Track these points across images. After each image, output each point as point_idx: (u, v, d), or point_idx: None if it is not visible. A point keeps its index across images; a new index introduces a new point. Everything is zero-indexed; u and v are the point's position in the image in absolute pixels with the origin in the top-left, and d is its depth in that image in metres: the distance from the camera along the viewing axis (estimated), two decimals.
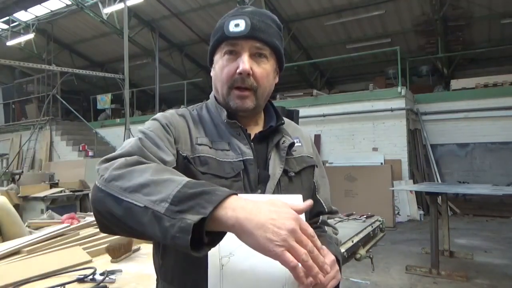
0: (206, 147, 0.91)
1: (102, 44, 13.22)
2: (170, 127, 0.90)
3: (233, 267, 0.74)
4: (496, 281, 4.04)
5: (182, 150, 0.89)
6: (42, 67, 9.45)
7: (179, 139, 0.90)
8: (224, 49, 0.92)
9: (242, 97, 0.91)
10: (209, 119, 0.98)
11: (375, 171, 7.66)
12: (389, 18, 10.11)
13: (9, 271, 1.51)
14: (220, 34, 0.92)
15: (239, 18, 0.90)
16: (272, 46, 0.93)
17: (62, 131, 12.33)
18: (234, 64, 0.90)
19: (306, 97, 9.74)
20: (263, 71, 0.92)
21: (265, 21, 0.93)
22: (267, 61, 0.93)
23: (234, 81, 0.90)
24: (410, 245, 5.63)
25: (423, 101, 8.94)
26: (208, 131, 0.95)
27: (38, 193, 5.84)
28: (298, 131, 1.10)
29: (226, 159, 0.90)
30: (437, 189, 4.79)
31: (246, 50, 0.90)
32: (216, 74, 0.95)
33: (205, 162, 0.88)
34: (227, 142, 0.93)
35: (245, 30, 0.89)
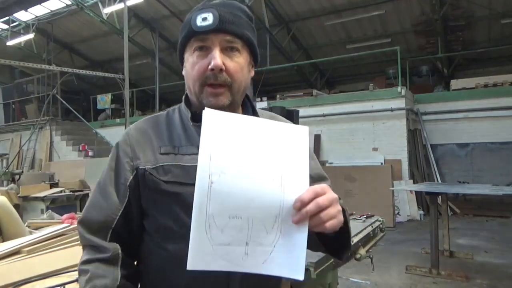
0: (171, 155, 0.89)
1: (102, 44, 13.21)
2: (126, 150, 0.92)
3: (223, 186, 0.69)
4: (496, 281, 4.04)
5: (143, 164, 0.89)
6: (42, 67, 9.44)
7: (137, 155, 0.90)
8: (193, 45, 0.88)
9: (216, 94, 0.87)
10: (180, 122, 0.95)
11: (375, 171, 7.66)
12: (389, 18, 10.11)
13: (9, 271, 1.51)
14: (188, 29, 0.88)
15: (206, 11, 0.86)
16: (243, 38, 0.89)
17: (62, 131, 12.32)
18: (205, 60, 0.86)
19: (306, 97, 9.74)
20: (236, 65, 0.88)
21: (234, 12, 0.89)
22: (240, 55, 0.89)
23: (206, 78, 0.86)
24: (410, 245, 5.63)
25: (423, 101, 8.94)
26: (176, 135, 0.92)
27: (38, 193, 5.84)
28: None
29: (193, 164, 0.83)
30: (437, 189, 4.79)
31: (216, 45, 0.86)
32: (187, 72, 0.92)
33: (168, 171, 0.87)
34: (196, 146, 0.86)
35: (214, 23, 0.85)
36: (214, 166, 0.70)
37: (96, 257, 0.86)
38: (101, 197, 0.91)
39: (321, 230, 0.73)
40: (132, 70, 10.01)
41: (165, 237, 0.86)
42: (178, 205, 0.85)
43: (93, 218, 0.90)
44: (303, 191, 0.72)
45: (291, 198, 0.71)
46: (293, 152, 0.75)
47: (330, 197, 0.73)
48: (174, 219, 0.85)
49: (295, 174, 0.73)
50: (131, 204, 0.90)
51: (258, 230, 0.70)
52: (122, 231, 0.89)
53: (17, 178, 7.96)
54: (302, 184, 0.73)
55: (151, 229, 0.90)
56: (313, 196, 0.71)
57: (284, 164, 0.73)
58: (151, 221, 0.89)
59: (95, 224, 0.89)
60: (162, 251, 0.87)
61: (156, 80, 12.37)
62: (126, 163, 0.91)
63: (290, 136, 0.76)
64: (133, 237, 0.92)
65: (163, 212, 0.87)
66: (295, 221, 0.70)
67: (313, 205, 0.70)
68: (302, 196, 0.71)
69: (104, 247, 0.87)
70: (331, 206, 0.73)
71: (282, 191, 0.71)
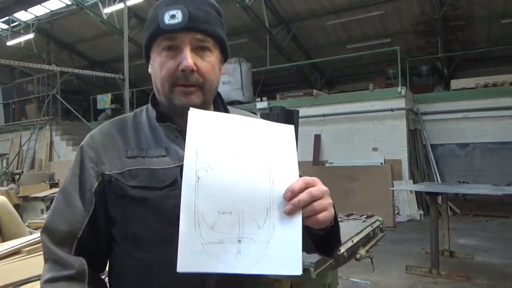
0: (138, 158, 0.84)
1: (102, 44, 13.21)
2: (90, 155, 0.87)
3: (211, 180, 0.68)
4: (496, 281, 4.04)
5: (108, 170, 0.84)
6: (42, 67, 9.44)
7: (102, 160, 0.86)
8: (161, 44, 0.83)
9: (187, 93, 0.83)
10: (147, 123, 0.91)
11: (375, 171, 7.66)
12: (389, 18, 10.11)
13: (9, 271, 1.51)
14: (155, 27, 0.82)
15: (174, 7, 0.81)
16: (215, 36, 0.85)
17: (62, 131, 12.33)
18: (174, 61, 0.82)
19: (306, 97, 9.74)
20: (208, 64, 0.84)
21: (204, 9, 0.84)
22: (211, 54, 0.85)
23: (176, 78, 0.82)
24: (410, 245, 5.63)
25: (423, 101, 8.94)
26: (144, 137, 0.88)
27: (38, 193, 5.84)
28: None
29: (162, 166, 0.83)
30: (437, 189, 4.79)
31: (186, 44, 0.81)
32: (155, 72, 0.86)
33: (135, 175, 0.82)
34: (164, 148, 0.85)
35: (183, 22, 0.80)
36: (200, 161, 0.69)
37: (60, 274, 0.80)
38: (65, 205, 0.85)
39: (313, 222, 0.71)
40: (132, 70, 10.01)
41: (134, 245, 0.82)
42: (146, 211, 0.80)
43: (57, 227, 0.84)
44: (293, 181, 0.71)
45: (281, 189, 0.69)
46: (280, 146, 0.74)
47: (322, 188, 0.72)
48: (142, 226, 0.81)
49: (284, 166, 0.72)
50: (97, 212, 0.84)
51: (250, 225, 0.67)
52: (88, 241, 0.84)
53: (17, 178, 7.97)
54: (292, 175, 0.72)
55: (118, 238, 0.85)
56: (304, 186, 0.70)
57: (272, 157, 0.72)
58: (119, 229, 0.84)
59: (60, 233, 0.83)
60: (130, 260, 0.83)
61: None
62: (90, 169, 0.86)
63: (277, 133, 0.76)
64: (100, 248, 0.87)
65: (130, 219, 0.82)
66: (287, 211, 0.68)
67: (305, 194, 0.69)
68: (293, 186, 0.69)
69: (69, 262, 0.81)
70: (323, 198, 0.71)
71: (271, 182, 0.70)
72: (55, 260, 0.81)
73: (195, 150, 0.70)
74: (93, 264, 0.84)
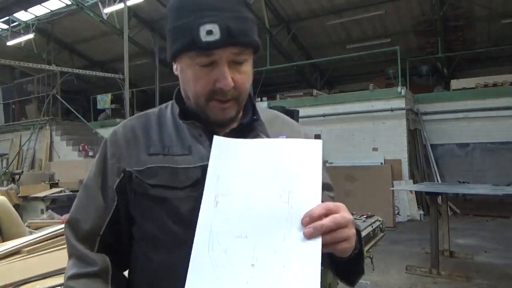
0: (159, 156, 0.82)
1: (102, 44, 13.21)
2: (113, 151, 0.86)
3: (229, 206, 0.68)
4: (496, 281, 4.04)
5: (129, 166, 0.82)
6: (42, 67, 9.46)
7: (124, 156, 0.84)
8: (195, 58, 0.77)
9: (224, 108, 0.80)
10: (171, 119, 0.88)
11: (375, 171, 7.66)
12: (389, 18, 10.11)
13: (9, 271, 1.51)
14: (189, 40, 0.75)
15: (211, 21, 0.73)
16: (252, 45, 0.80)
17: (62, 131, 12.32)
18: (211, 76, 0.77)
19: (306, 97, 9.74)
20: (244, 76, 0.80)
21: (240, 15, 0.76)
22: (247, 63, 0.80)
23: (213, 93, 0.78)
24: (410, 245, 5.63)
25: (423, 101, 8.94)
26: (167, 134, 0.85)
27: (38, 193, 5.84)
28: (287, 126, 0.95)
29: (183, 165, 0.80)
30: (437, 189, 4.80)
31: (224, 61, 0.76)
32: (186, 82, 0.81)
33: (155, 173, 0.80)
34: (187, 146, 0.82)
35: (222, 39, 0.73)
36: (220, 187, 0.70)
37: (84, 271, 0.79)
38: (88, 201, 0.85)
39: (331, 250, 0.67)
40: (132, 70, 10.01)
41: (151, 246, 0.80)
42: (164, 211, 0.78)
43: (80, 223, 0.83)
44: (313, 206, 0.67)
45: (299, 213, 0.67)
46: (303, 168, 0.71)
47: (346, 216, 0.67)
48: (159, 226, 0.78)
49: (305, 189, 0.69)
50: (119, 209, 0.83)
51: (265, 249, 0.65)
52: (110, 238, 0.83)
53: (17, 178, 7.97)
54: (312, 200, 0.69)
55: (138, 237, 0.84)
56: (324, 212, 0.66)
57: (293, 181, 0.70)
58: (138, 228, 0.83)
59: (83, 230, 0.83)
60: (147, 262, 0.81)
61: (156, 80, 12.37)
62: (113, 165, 0.84)
63: (302, 152, 0.73)
64: (122, 245, 0.86)
65: (148, 218, 0.80)
66: (307, 234, 0.65)
67: (330, 220, 0.65)
68: (312, 211, 0.66)
69: (92, 259, 0.80)
70: (347, 227, 0.67)
71: (289, 207, 0.68)
72: (78, 256, 0.81)
73: (216, 177, 0.71)
74: (115, 261, 0.83)
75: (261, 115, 0.89)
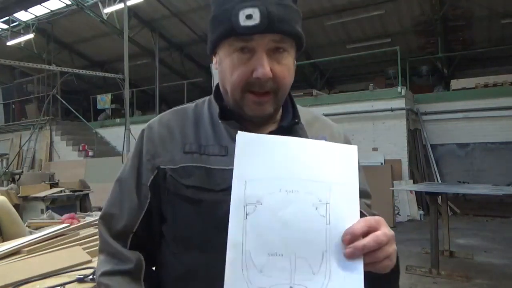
0: (195, 155, 0.78)
1: (102, 44, 13.22)
2: (148, 147, 0.83)
3: (260, 218, 0.61)
4: (496, 281, 4.04)
5: (164, 164, 0.79)
6: (42, 67, 9.45)
7: (159, 153, 0.81)
8: (233, 44, 0.74)
9: (260, 103, 0.76)
10: (208, 117, 0.84)
11: (375, 171, 7.66)
12: (389, 18, 10.11)
13: (9, 271, 1.51)
14: (228, 27, 0.72)
15: (251, 5, 0.70)
16: (294, 35, 0.76)
17: (62, 131, 12.33)
18: (248, 65, 0.73)
19: (306, 97, 9.74)
20: (284, 68, 0.75)
21: (283, 3, 0.73)
22: (288, 54, 0.76)
23: (249, 84, 0.74)
24: (410, 245, 5.63)
25: (423, 101, 8.94)
26: (204, 132, 0.82)
27: (38, 193, 5.84)
28: (327, 128, 0.91)
29: (219, 166, 0.76)
30: (437, 189, 4.79)
31: (263, 48, 0.72)
32: (224, 73, 0.78)
33: (191, 173, 0.76)
34: (224, 146, 0.78)
35: (261, 24, 0.70)
36: (249, 196, 0.62)
37: (118, 268, 0.77)
38: (122, 196, 0.83)
39: (371, 269, 0.63)
40: (132, 70, 10.00)
41: (182, 248, 0.78)
42: (198, 214, 0.75)
43: (114, 219, 0.81)
44: (353, 221, 0.63)
45: (338, 230, 0.62)
46: (340, 176, 0.65)
47: (388, 233, 0.63)
48: (192, 229, 0.76)
49: (343, 201, 0.64)
50: (152, 207, 0.81)
51: (303, 270, 0.60)
52: (143, 236, 0.81)
53: (17, 178, 7.96)
54: (351, 214, 0.63)
55: (169, 238, 0.81)
56: (366, 229, 0.62)
57: (329, 190, 0.64)
58: (169, 228, 0.80)
59: (117, 226, 0.81)
60: (177, 264, 0.78)
61: (156, 80, 12.38)
62: (147, 161, 0.81)
63: (337, 158, 0.67)
64: (153, 244, 0.83)
65: (181, 219, 0.77)
66: (348, 255, 0.60)
67: (372, 240, 0.61)
68: (353, 228, 0.61)
69: (126, 256, 0.78)
70: (388, 244, 0.63)
71: (328, 221, 0.62)
72: (111, 253, 0.79)
73: (243, 182, 0.63)
74: (146, 259, 0.81)
75: (301, 115, 0.84)
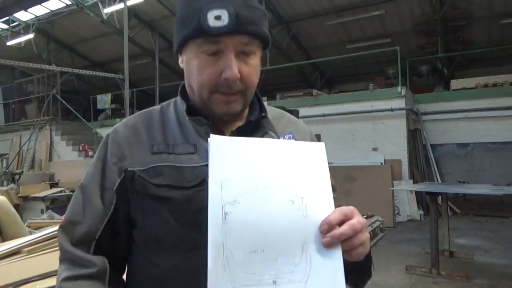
0: (164, 155, 0.78)
1: (102, 44, 13.22)
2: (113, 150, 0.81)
3: (239, 217, 0.62)
4: (496, 281, 4.04)
5: (131, 166, 0.78)
6: (42, 67, 9.46)
7: (126, 156, 0.79)
8: (201, 46, 0.74)
9: (229, 101, 0.77)
10: (175, 117, 0.84)
11: (375, 171, 7.66)
12: (389, 18, 10.11)
13: (9, 271, 1.51)
14: (196, 27, 0.72)
15: (220, 6, 0.70)
16: (261, 37, 0.76)
17: (62, 131, 12.32)
18: (216, 66, 0.74)
19: (306, 97, 9.74)
20: (252, 69, 0.76)
21: (250, 4, 0.74)
22: (255, 55, 0.77)
23: (217, 85, 0.75)
24: (410, 245, 5.62)
25: (423, 101, 8.94)
26: (171, 132, 0.81)
27: (38, 193, 5.85)
28: (293, 124, 0.94)
29: (189, 164, 0.76)
30: (437, 189, 4.79)
31: (231, 50, 0.73)
32: (190, 72, 0.78)
33: (160, 173, 0.76)
34: (192, 144, 0.78)
35: (229, 25, 0.70)
36: (226, 196, 0.63)
37: (80, 273, 0.75)
38: (84, 203, 0.80)
39: (346, 257, 0.65)
40: (132, 70, 10.01)
41: (154, 250, 0.76)
42: (169, 212, 0.74)
43: (76, 225, 0.79)
44: (328, 212, 0.65)
45: (316, 221, 0.64)
46: (312, 171, 0.68)
47: (362, 221, 0.66)
48: (164, 228, 0.74)
49: (317, 193, 0.67)
50: (117, 211, 0.78)
51: (284, 263, 0.62)
52: (107, 242, 0.79)
53: (17, 178, 7.97)
54: (326, 205, 0.66)
55: (139, 240, 0.79)
56: (342, 218, 0.65)
57: (303, 184, 0.66)
58: (140, 231, 0.78)
59: (78, 233, 0.78)
60: (150, 266, 0.77)
61: (156, 80, 12.38)
62: (113, 165, 0.79)
63: (306, 155, 0.70)
64: (119, 250, 0.81)
65: (152, 221, 0.75)
66: (326, 244, 0.63)
67: (348, 227, 0.64)
68: (330, 218, 0.64)
69: (89, 261, 0.76)
70: (362, 231, 0.66)
71: (305, 214, 0.64)
72: (72, 260, 0.77)
73: (220, 184, 0.64)
74: (110, 265, 0.79)
75: (268, 112, 0.86)
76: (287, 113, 0.97)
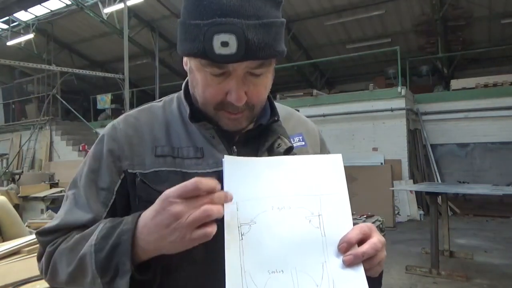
0: (168, 158, 0.72)
1: (102, 44, 13.22)
2: (112, 148, 0.74)
3: (255, 237, 0.61)
4: (496, 281, 4.04)
5: (132, 167, 0.72)
6: (42, 67, 9.45)
7: (126, 155, 0.73)
8: (206, 67, 0.66)
9: (235, 119, 0.71)
10: (178, 116, 0.77)
11: (375, 171, 7.66)
12: (389, 18, 10.12)
13: (9, 271, 1.52)
14: (199, 49, 0.63)
15: (227, 31, 0.61)
16: (275, 57, 0.67)
17: (62, 131, 12.32)
18: (221, 87, 0.67)
19: (306, 97, 9.74)
20: (260, 88, 0.70)
21: (264, 22, 0.63)
22: (267, 72, 0.70)
23: (222, 104, 0.69)
24: (410, 245, 5.63)
25: (423, 101, 8.94)
26: (175, 133, 0.75)
27: (38, 193, 5.84)
28: (303, 125, 0.89)
29: (196, 171, 0.70)
30: (437, 189, 4.79)
31: (238, 73, 0.66)
32: (195, 81, 0.72)
33: (165, 179, 0.70)
34: (199, 148, 0.73)
35: (238, 53, 0.61)
36: (242, 217, 0.62)
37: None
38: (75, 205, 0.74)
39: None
40: (132, 70, 10.02)
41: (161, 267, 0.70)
42: None
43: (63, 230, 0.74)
44: (347, 229, 0.64)
45: (334, 239, 0.63)
46: (328, 187, 0.67)
47: (381, 239, 0.64)
48: None
49: (335, 210, 0.65)
50: (113, 214, 0.72)
51: (305, 284, 0.60)
52: None
53: (17, 178, 7.97)
54: (344, 222, 0.65)
55: None
56: (361, 237, 0.63)
57: (320, 202, 0.65)
58: None
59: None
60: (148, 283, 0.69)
61: (156, 80, 12.37)
62: (111, 163, 0.73)
63: (323, 169, 0.69)
64: None
65: None
66: (347, 262, 0.61)
67: (370, 247, 0.62)
68: (349, 236, 0.62)
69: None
70: (381, 250, 0.64)
71: (323, 233, 0.63)
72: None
73: (235, 204, 0.62)
74: None
75: (279, 112, 0.81)
76: (295, 111, 0.93)
